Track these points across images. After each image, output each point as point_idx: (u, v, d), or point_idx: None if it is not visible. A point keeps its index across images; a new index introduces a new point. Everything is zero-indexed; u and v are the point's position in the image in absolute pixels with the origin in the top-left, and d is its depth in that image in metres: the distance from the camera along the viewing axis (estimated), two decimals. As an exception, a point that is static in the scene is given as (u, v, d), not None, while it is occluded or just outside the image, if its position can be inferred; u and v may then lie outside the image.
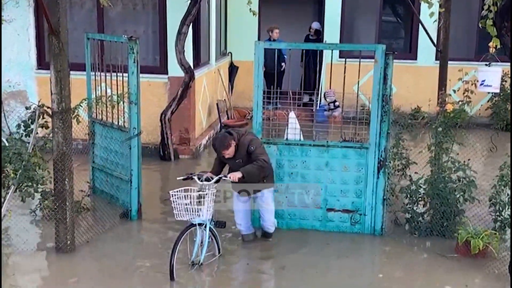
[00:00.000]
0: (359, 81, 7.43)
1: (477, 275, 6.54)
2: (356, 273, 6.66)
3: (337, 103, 13.48)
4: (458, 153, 7.56)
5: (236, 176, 6.41)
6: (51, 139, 6.68)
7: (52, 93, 6.55)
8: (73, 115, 6.76)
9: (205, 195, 6.23)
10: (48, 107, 6.74)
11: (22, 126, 6.88)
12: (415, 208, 7.54)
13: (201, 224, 6.33)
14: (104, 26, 10.90)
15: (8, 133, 7.04)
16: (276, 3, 15.30)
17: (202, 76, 11.95)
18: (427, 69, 13.81)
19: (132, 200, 7.82)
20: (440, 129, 7.40)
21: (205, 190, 6.27)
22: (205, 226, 6.38)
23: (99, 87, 8.26)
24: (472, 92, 7.60)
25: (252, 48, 7.29)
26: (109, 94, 7.97)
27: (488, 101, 13.41)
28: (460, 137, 7.54)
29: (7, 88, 11.07)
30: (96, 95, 8.22)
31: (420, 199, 7.56)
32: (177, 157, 10.87)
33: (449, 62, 8.77)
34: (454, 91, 7.81)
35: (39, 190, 6.88)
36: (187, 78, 10.39)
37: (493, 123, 12.89)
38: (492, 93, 11.36)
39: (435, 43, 9.14)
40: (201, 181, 6.38)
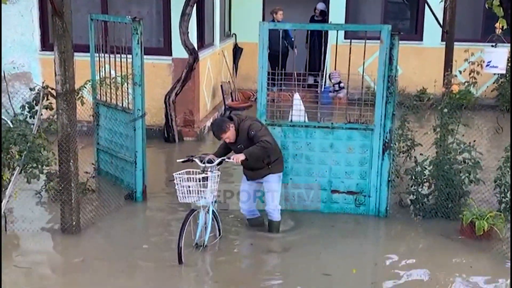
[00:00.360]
0: (364, 62, 7.39)
1: (481, 256, 6.54)
2: (361, 254, 6.67)
3: (342, 84, 13.44)
4: (463, 135, 7.54)
5: (239, 158, 6.39)
6: (56, 120, 6.68)
7: (56, 74, 6.53)
8: (78, 96, 6.75)
9: (208, 177, 6.22)
10: (52, 89, 6.73)
11: (26, 107, 6.89)
12: (419, 190, 7.53)
13: (204, 206, 6.34)
14: (108, 7, 10.84)
15: (13, 114, 7.04)
16: (281, -17, 15.18)
17: (206, 58, 11.90)
18: (433, 50, 13.71)
19: (137, 182, 7.83)
20: (445, 110, 7.36)
21: (207, 172, 6.26)
22: (209, 208, 6.39)
23: (103, 69, 8.24)
24: (478, 73, 7.54)
25: (257, 29, 7.24)
26: (113, 75, 7.95)
27: (494, 83, 13.31)
28: (465, 118, 7.51)
29: (11, 69, 11.06)
30: (100, 77, 8.21)
31: (425, 180, 7.55)
32: (181, 139, 10.87)
33: (455, 43, 8.69)
34: (460, 72, 7.75)
35: (44, 171, 6.89)
36: (191, 59, 10.35)
37: (499, 104, 12.80)
38: (498, 74, 11.27)
39: (441, 23, 9.05)
40: (203, 163, 6.37)
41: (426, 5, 9.13)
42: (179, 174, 6.19)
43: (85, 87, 6.99)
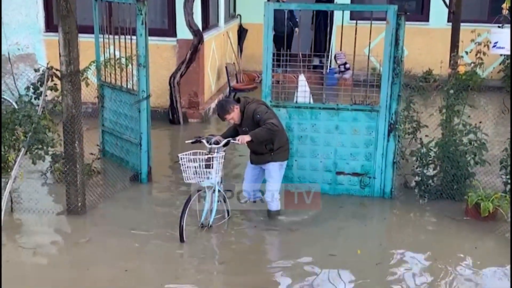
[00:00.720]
0: (370, 43, 7.34)
1: (486, 238, 6.55)
2: (365, 235, 6.69)
3: (347, 65, 13.38)
4: (469, 116, 7.51)
5: (244, 139, 6.38)
6: (60, 101, 6.68)
7: (60, 55, 6.52)
8: (82, 77, 6.74)
9: (213, 158, 6.23)
10: (57, 70, 6.71)
11: (31, 88, 6.88)
12: (425, 171, 7.52)
13: (210, 187, 6.35)
14: (112, -13, 10.78)
15: (18, 95, 7.04)
16: (285, -36, 15.04)
17: (211, 39, 11.85)
18: (439, 31, 13.62)
19: (142, 163, 7.84)
20: (451, 91, 7.32)
21: (213, 153, 6.27)
22: (214, 189, 6.40)
23: (108, 50, 8.22)
24: (484, 54, 7.49)
25: (262, 10, 7.19)
26: (117, 57, 7.93)
27: (500, 64, 13.24)
28: (471, 99, 7.47)
29: (16, 51, 11.05)
30: (104, 58, 8.19)
31: (430, 162, 7.54)
32: (186, 121, 10.86)
33: (462, 24, 8.63)
34: (467, 52, 7.69)
35: (50, 152, 6.90)
36: (195, 40, 10.31)
37: (505, 85, 12.73)
38: (504, 55, 11.19)
39: (448, 4, 8.98)
40: (209, 144, 6.38)
41: (432, -15, 9.05)
42: (185, 154, 6.20)
43: (89, 68, 6.98)
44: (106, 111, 8.61)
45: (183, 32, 10.56)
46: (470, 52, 7.62)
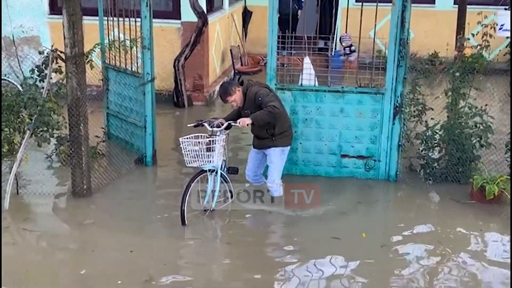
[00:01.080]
0: (375, 25, 7.29)
1: (491, 220, 6.55)
2: (370, 218, 6.69)
3: (353, 48, 13.31)
4: (475, 99, 7.47)
5: (245, 122, 6.34)
6: (65, 84, 6.67)
7: (65, 38, 6.50)
8: (87, 60, 6.72)
9: (215, 141, 6.23)
10: (61, 52, 6.70)
11: (36, 71, 6.86)
12: (430, 154, 7.51)
13: (212, 170, 6.36)
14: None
15: (22, 78, 7.03)
16: None
17: (216, 21, 11.79)
18: (445, 13, 13.53)
19: (146, 146, 7.85)
20: (457, 74, 7.28)
21: (215, 136, 6.26)
22: (216, 172, 6.40)
23: (112, 32, 8.19)
24: (491, 36, 7.43)
25: (267, -9, 7.15)
26: (122, 39, 7.90)
27: (506, 46, 13.15)
28: (477, 82, 7.43)
29: (20, 33, 11.03)
30: (109, 40, 8.16)
31: (435, 145, 7.52)
32: (190, 104, 10.85)
33: (468, 6, 8.57)
34: (473, 35, 7.64)
35: (55, 135, 6.91)
36: (200, 23, 10.26)
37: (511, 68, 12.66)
38: (510, 37, 11.12)
39: (454, -14, 8.90)
40: (211, 127, 6.37)
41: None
42: (186, 138, 6.19)
43: (94, 51, 6.96)
44: (110, 93, 8.61)
45: (188, 14, 10.51)
46: (476, 35, 7.57)
